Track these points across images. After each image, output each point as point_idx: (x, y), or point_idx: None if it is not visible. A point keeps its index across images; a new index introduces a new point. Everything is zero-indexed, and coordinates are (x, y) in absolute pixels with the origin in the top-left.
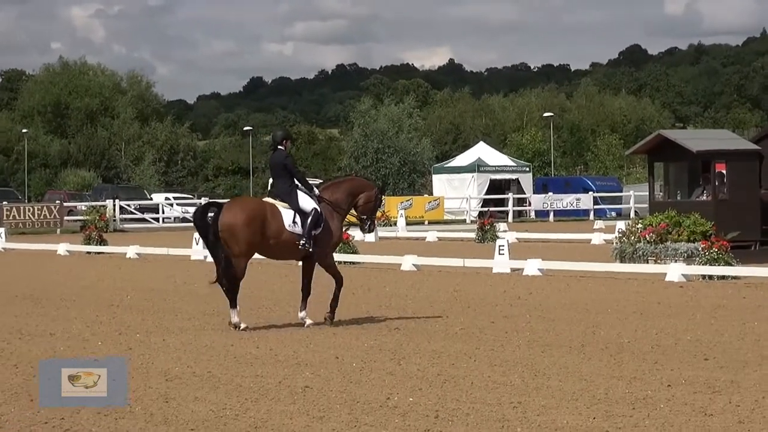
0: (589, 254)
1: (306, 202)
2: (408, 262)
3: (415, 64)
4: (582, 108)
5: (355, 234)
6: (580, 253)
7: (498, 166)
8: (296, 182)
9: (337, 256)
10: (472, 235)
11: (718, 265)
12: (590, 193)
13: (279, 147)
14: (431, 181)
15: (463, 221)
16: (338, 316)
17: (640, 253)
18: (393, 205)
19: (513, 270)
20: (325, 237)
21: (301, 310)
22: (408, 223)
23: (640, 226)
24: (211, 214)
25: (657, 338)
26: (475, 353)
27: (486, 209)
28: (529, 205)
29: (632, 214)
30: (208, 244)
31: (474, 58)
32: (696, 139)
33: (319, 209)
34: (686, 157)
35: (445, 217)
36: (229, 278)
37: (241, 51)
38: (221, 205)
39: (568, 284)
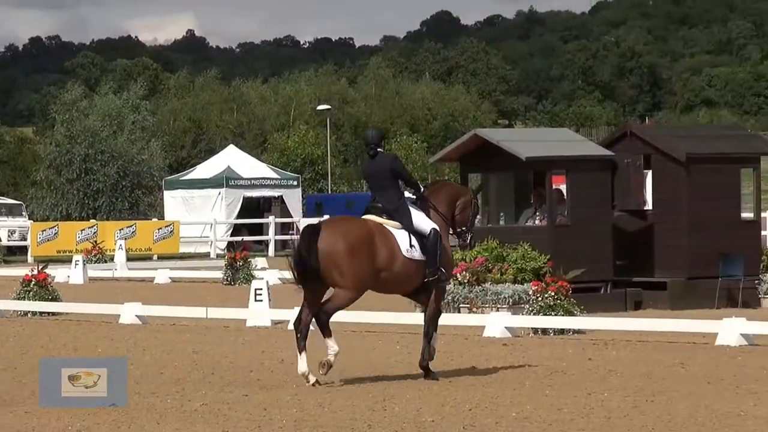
0: (383, 300)
1: (422, 221)
2: (129, 312)
3: (140, 38)
4: (370, 98)
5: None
6: (368, 301)
7: (255, 179)
8: (405, 194)
9: (31, 305)
10: (219, 274)
11: (555, 314)
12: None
13: (379, 150)
14: (162, 199)
15: (207, 255)
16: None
17: (449, 298)
18: (109, 233)
19: (275, 322)
20: (444, 261)
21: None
22: (130, 258)
23: None
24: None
25: (471, 415)
26: None
27: (238, 238)
28: (297, 232)
29: None
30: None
31: (222, 28)
32: (526, 141)
33: (437, 228)
34: (513, 166)
35: (182, 250)
36: (320, 313)
37: None
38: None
39: (349, 343)
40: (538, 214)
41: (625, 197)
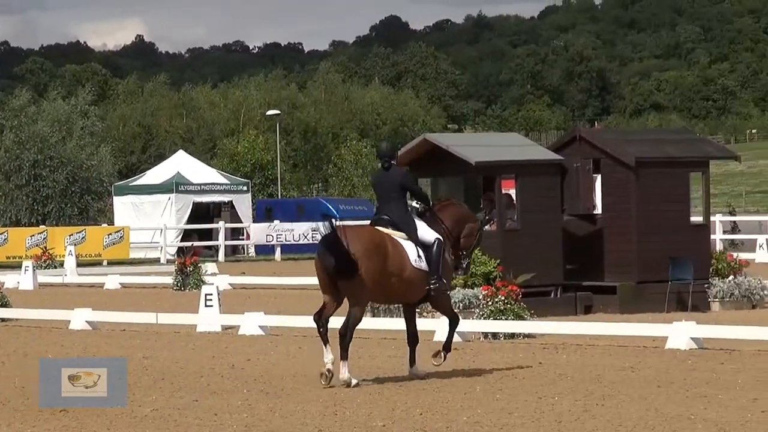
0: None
1: (427, 232)
2: (80, 317)
3: (89, 43)
4: (320, 104)
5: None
6: (317, 305)
7: (204, 185)
8: (411, 207)
9: None
10: (169, 279)
11: (506, 318)
12: (331, 220)
13: (392, 162)
14: (112, 205)
15: (157, 260)
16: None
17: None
18: (58, 239)
19: (225, 328)
20: (445, 272)
21: (412, 364)
22: (80, 264)
23: None
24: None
25: (422, 420)
26: None
27: (188, 244)
28: (248, 237)
29: None
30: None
31: (172, 34)
32: (475, 146)
33: (441, 239)
34: (462, 171)
35: (132, 255)
36: (343, 335)
37: None
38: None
39: (300, 347)
40: (488, 218)
41: (574, 201)
